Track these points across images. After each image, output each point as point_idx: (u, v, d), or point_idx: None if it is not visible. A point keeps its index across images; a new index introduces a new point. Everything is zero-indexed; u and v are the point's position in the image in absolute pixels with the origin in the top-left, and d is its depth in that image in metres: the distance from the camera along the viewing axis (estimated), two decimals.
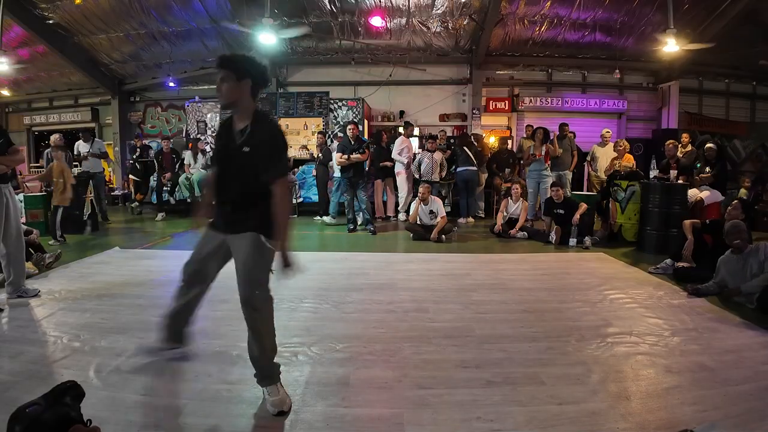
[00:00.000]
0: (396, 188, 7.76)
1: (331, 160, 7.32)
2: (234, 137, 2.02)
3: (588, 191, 7.74)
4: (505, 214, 6.32)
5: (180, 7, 8.44)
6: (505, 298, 3.51)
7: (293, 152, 8.51)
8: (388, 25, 8.87)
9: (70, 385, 1.44)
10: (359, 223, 6.75)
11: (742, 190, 8.05)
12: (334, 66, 10.10)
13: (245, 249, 1.97)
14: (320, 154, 7.74)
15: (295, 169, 8.31)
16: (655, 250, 5.07)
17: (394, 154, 7.50)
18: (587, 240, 5.49)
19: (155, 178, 8.36)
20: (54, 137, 6.65)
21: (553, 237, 5.71)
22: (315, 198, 8.16)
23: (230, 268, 2.07)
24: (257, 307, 1.97)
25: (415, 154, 7.76)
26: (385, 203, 7.96)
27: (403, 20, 8.78)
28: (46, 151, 7.66)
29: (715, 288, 3.54)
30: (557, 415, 1.92)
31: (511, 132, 10.00)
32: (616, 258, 4.92)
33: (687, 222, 4.46)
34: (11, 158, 3.36)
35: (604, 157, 7.21)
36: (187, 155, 8.43)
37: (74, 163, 7.09)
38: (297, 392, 2.09)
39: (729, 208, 4.28)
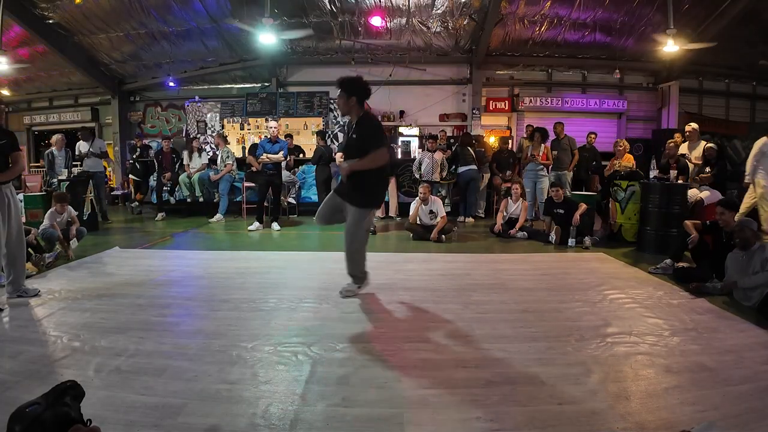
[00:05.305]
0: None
1: (332, 160, 7.32)
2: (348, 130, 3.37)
3: (590, 191, 7.72)
4: (505, 214, 6.32)
5: (180, 7, 8.45)
6: (505, 298, 3.50)
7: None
8: (388, 25, 8.87)
9: (70, 385, 1.43)
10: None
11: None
12: (334, 66, 10.08)
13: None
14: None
15: (296, 169, 8.31)
16: (655, 250, 5.06)
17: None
18: (587, 240, 5.49)
19: (155, 178, 8.36)
20: (56, 137, 6.69)
21: (552, 237, 5.71)
22: (315, 198, 8.16)
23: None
24: None
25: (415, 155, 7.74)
26: (387, 203, 7.93)
27: (403, 20, 8.79)
28: (46, 151, 7.66)
29: (719, 289, 3.52)
30: (557, 415, 1.92)
31: (511, 132, 10.00)
32: (616, 258, 4.92)
33: (689, 222, 4.46)
34: (12, 171, 3.38)
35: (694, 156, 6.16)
36: (186, 155, 8.43)
37: (74, 163, 7.08)
38: (297, 392, 2.09)
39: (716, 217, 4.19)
